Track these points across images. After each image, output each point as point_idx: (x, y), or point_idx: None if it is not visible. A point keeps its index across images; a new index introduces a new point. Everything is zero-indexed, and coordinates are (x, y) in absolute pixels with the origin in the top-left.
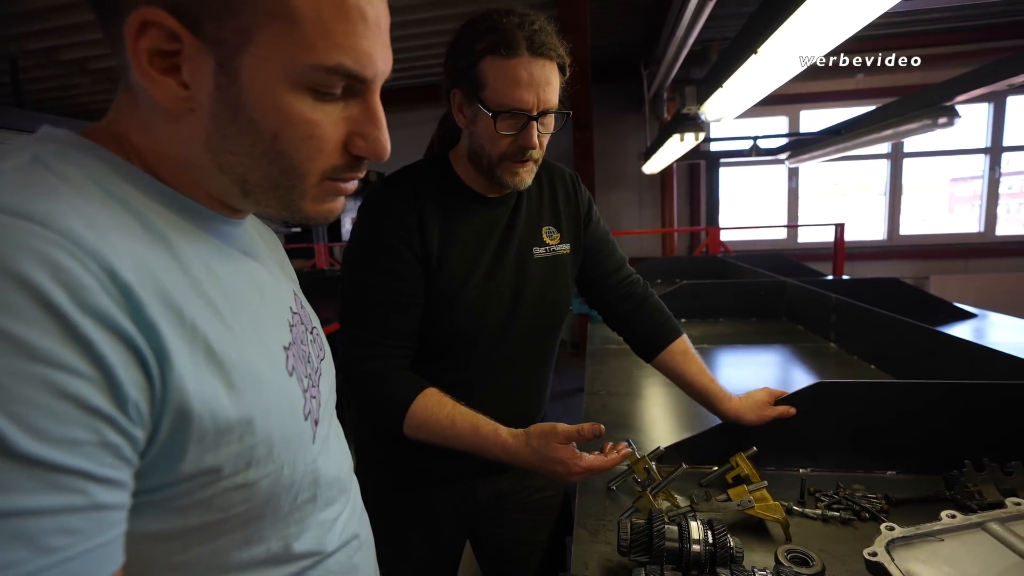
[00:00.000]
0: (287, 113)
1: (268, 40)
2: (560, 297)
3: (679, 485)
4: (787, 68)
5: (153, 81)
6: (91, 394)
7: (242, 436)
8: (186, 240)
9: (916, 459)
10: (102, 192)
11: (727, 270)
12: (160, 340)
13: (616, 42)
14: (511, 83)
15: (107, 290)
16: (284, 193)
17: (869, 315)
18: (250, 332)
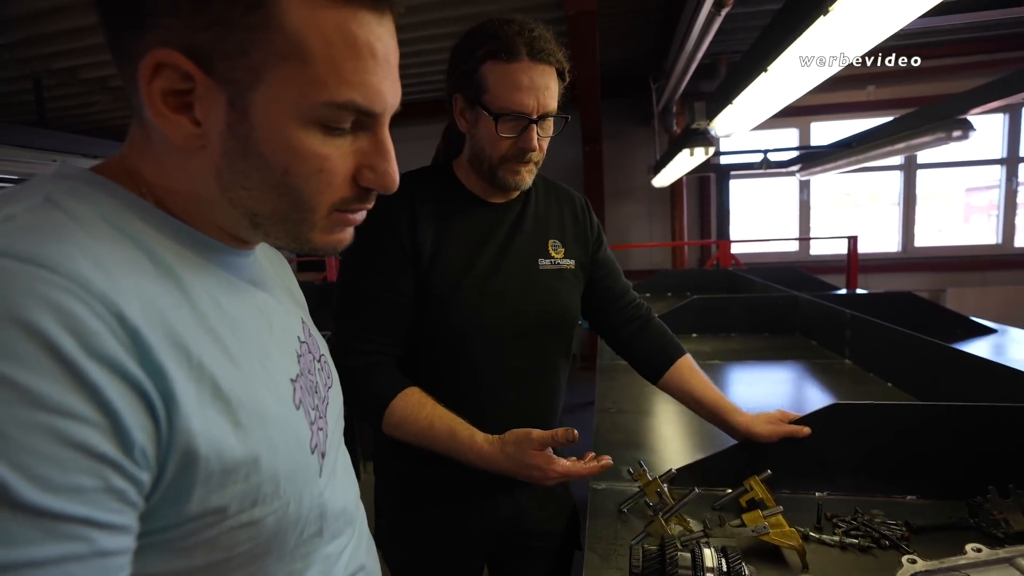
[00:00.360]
0: (297, 149)
1: (279, 78)
2: (567, 309)
3: (692, 508)
4: (797, 86)
5: (166, 120)
6: (97, 440)
7: (248, 475)
8: (195, 274)
9: (938, 484)
10: (112, 229)
11: (738, 283)
12: (167, 383)
13: (625, 56)
14: (512, 87)
15: (115, 334)
16: (293, 226)
17: (885, 332)
18: (257, 367)
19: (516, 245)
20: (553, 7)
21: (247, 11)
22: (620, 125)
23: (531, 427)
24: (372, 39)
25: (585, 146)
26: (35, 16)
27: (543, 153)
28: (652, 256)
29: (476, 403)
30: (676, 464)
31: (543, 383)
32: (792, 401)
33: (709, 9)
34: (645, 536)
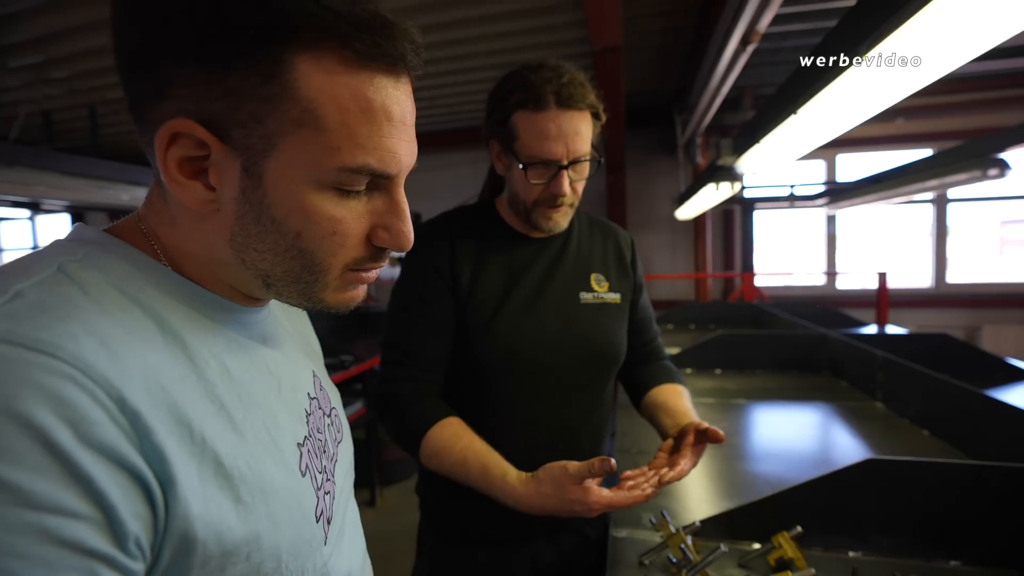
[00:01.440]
0: (310, 213)
1: (293, 145)
2: (610, 343)
3: (717, 564)
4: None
5: (181, 186)
6: (88, 536)
7: (249, 555)
8: (204, 338)
9: (984, 549)
10: (123, 297)
11: (763, 318)
12: (167, 466)
13: (649, 88)
14: (540, 136)
15: (115, 420)
16: (306, 287)
17: (921, 377)
18: (263, 436)
19: (556, 278)
20: (579, 43)
21: (262, 82)
22: (644, 155)
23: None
24: (388, 103)
25: (609, 176)
26: (93, 52)
27: (577, 196)
28: (675, 287)
29: (515, 435)
30: (700, 514)
31: (586, 420)
32: (821, 444)
33: (735, 46)
34: None
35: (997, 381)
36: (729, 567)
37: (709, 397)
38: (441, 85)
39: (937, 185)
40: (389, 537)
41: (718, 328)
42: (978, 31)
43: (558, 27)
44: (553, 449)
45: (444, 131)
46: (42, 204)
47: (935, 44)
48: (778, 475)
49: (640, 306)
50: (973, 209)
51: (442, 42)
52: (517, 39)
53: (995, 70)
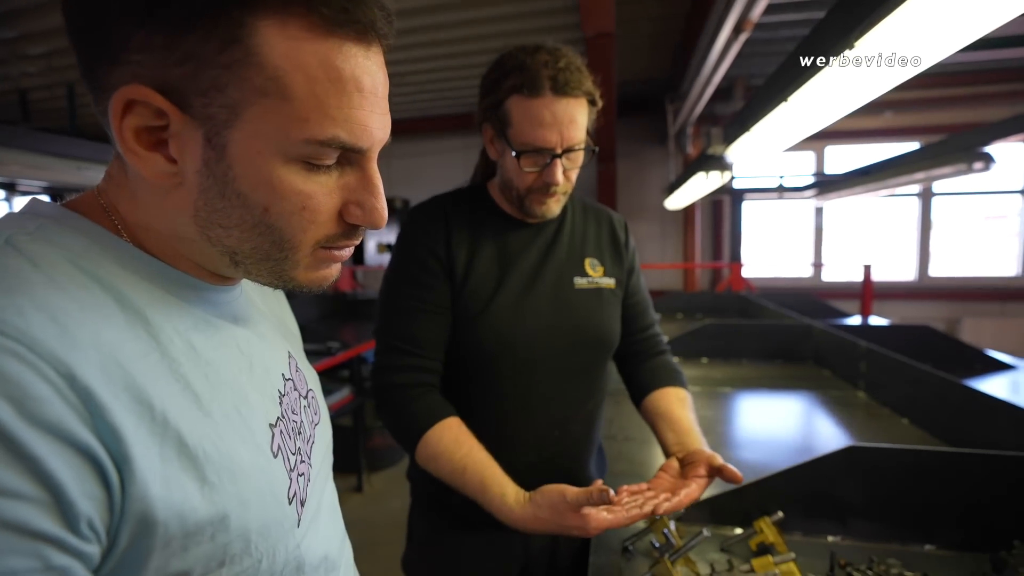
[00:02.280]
0: (277, 187)
1: (257, 115)
2: (605, 329)
3: (699, 549)
4: (818, 119)
5: (139, 158)
6: (35, 517)
7: (214, 535)
8: (168, 316)
9: (958, 534)
10: (79, 272)
11: (750, 308)
12: (123, 445)
13: (641, 77)
14: (534, 123)
15: (64, 397)
16: (275, 264)
17: (902, 367)
18: (233, 415)
19: (550, 264)
20: (572, 28)
21: (222, 47)
22: (634, 145)
23: (567, 453)
24: (359, 72)
25: (599, 165)
26: None
27: (571, 183)
28: (663, 277)
29: (509, 424)
30: None
31: (581, 406)
32: (805, 433)
33: (728, 34)
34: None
35: (976, 372)
36: (711, 551)
37: (696, 385)
38: (431, 69)
39: (924, 178)
40: (376, 523)
41: (705, 318)
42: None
43: (550, 12)
44: (547, 436)
45: (434, 116)
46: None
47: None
48: (761, 462)
49: (634, 289)
50: (957, 204)
51: (432, 25)
52: (508, 23)
53: (983, 64)
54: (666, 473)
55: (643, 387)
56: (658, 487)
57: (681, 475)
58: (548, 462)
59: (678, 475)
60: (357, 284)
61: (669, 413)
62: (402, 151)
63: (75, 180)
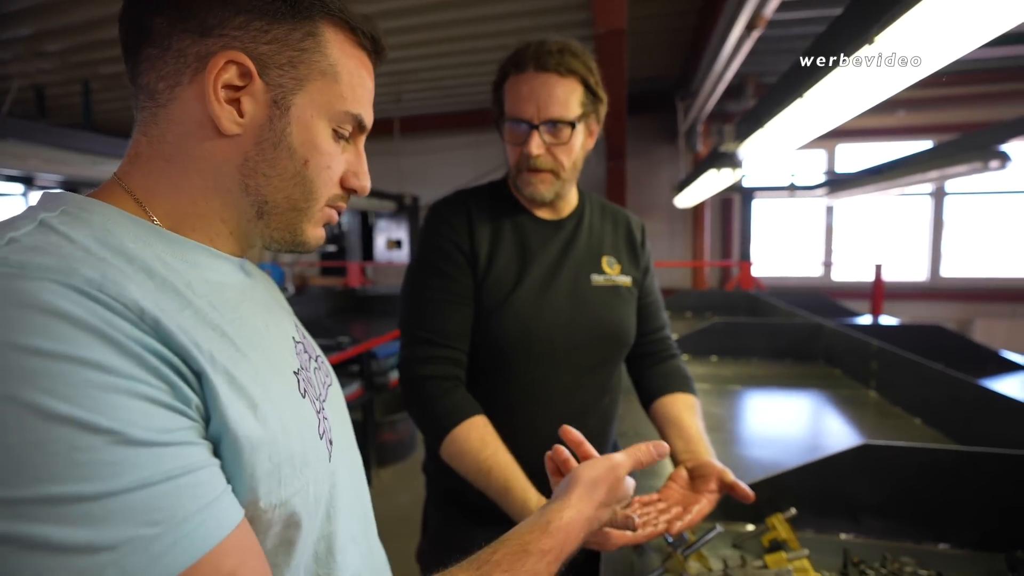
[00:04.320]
0: (320, 145)
1: (317, 88)
2: (621, 326)
3: (712, 545)
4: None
5: (220, 107)
6: (164, 396)
7: (271, 455)
8: (189, 282)
9: (973, 533)
10: (105, 248)
11: (759, 307)
12: (196, 362)
13: (652, 74)
14: (516, 97)
15: (137, 324)
16: (297, 215)
17: (914, 366)
18: (263, 359)
19: (569, 260)
20: (583, 25)
21: (303, 38)
22: (644, 143)
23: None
24: (369, 79)
25: (609, 162)
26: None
27: (561, 164)
28: (672, 275)
29: (525, 417)
30: None
31: (597, 401)
32: (815, 432)
33: (740, 31)
34: (662, 573)
35: (989, 372)
36: (723, 547)
37: (705, 383)
38: (442, 67)
39: (938, 176)
40: (386, 517)
41: (714, 316)
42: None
43: (561, 8)
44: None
45: (444, 114)
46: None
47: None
48: (771, 460)
49: (648, 290)
50: (969, 203)
51: (443, 22)
52: (519, 20)
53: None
54: (675, 483)
55: (652, 391)
56: (669, 498)
57: (691, 487)
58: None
59: (687, 485)
60: (367, 280)
61: (679, 420)
62: (412, 148)
63: (91, 174)
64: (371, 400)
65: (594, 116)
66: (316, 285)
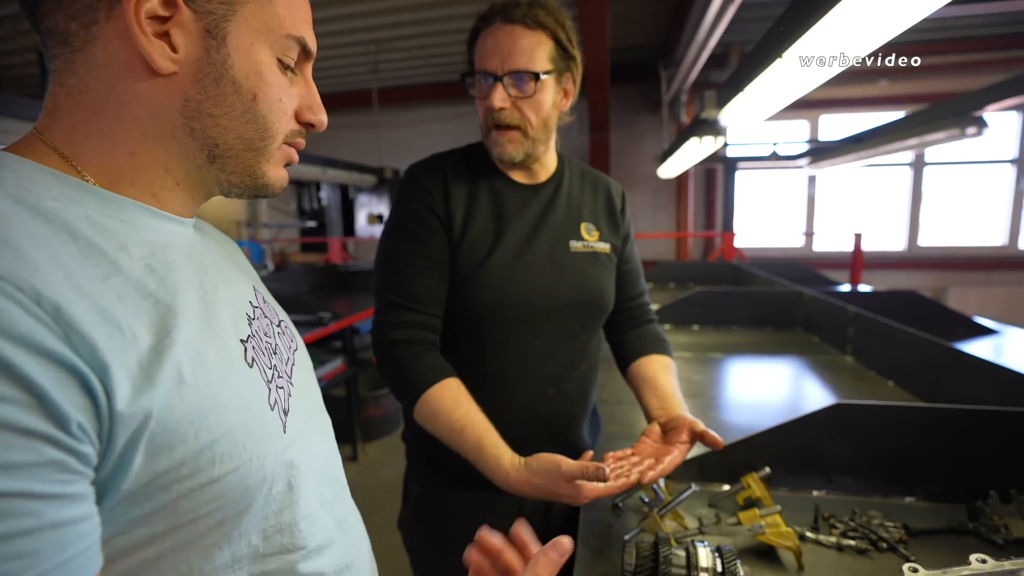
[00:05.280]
0: (266, 76)
1: (251, 12)
2: (599, 292)
3: (688, 505)
4: (812, 77)
5: (149, 43)
6: (22, 416)
7: (197, 433)
8: (122, 244)
9: (937, 486)
10: (23, 209)
11: (741, 277)
12: (99, 355)
13: (635, 44)
14: (480, 50)
15: (32, 313)
16: (254, 155)
17: (889, 330)
18: (202, 327)
19: (546, 226)
20: None
21: None
22: (628, 114)
23: (561, 413)
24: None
25: (592, 134)
26: None
27: (528, 118)
28: (656, 246)
29: (503, 382)
30: None
31: (574, 367)
32: (793, 396)
33: None
34: (639, 532)
35: (960, 336)
36: (699, 507)
37: (686, 352)
38: (419, 35)
39: (917, 144)
40: (371, 491)
41: (697, 287)
42: None
43: None
44: (541, 395)
45: (424, 84)
46: None
47: None
48: (749, 424)
49: (627, 257)
50: (947, 174)
51: None
52: None
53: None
54: (648, 438)
55: (629, 354)
56: (642, 452)
57: (664, 440)
58: (542, 421)
59: (660, 440)
60: (348, 256)
61: (653, 379)
62: (391, 121)
63: None
64: (355, 375)
65: (569, 76)
66: (296, 262)
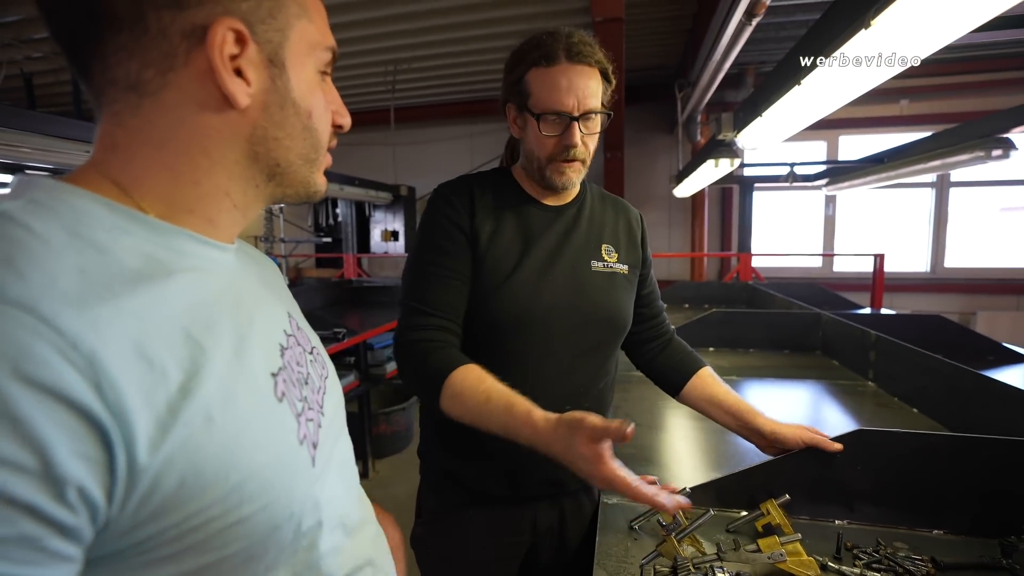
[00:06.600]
0: (316, 92)
1: (298, 34)
2: (619, 312)
3: (705, 530)
4: (830, 101)
5: (234, 83)
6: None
7: (228, 475)
8: (167, 277)
9: (967, 519)
10: (74, 238)
11: (758, 298)
12: (125, 400)
13: (650, 63)
14: (552, 89)
15: (66, 356)
16: (310, 167)
17: (913, 355)
18: (233, 363)
19: (569, 246)
20: (580, 13)
21: None
22: (643, 132)
23: None
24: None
25: (607, 153)
26: None
27: (590, 152)
28: (670, 266)
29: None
30: (690, 482)
31: (591, 386)
32: (811, 422)
33: (739, 19)
34: (656, 556)
35: (990, 364)
36: (716, 532)
37: None
38: (436, 56)
39: (940, 166)
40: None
41: (712, 308)
42: None
43: None
44: (559, 412)
45: (439, 103)
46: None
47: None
48: None
49: (648, 280)
50: (972, 194)
51: (438, 10)
52: (516, 7)
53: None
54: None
55: (672, 378)
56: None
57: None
58: None
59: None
60: (362, 272)
61: (713, 398)
62: (407, 138)
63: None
64: (367, 391)
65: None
66: (311, 277)
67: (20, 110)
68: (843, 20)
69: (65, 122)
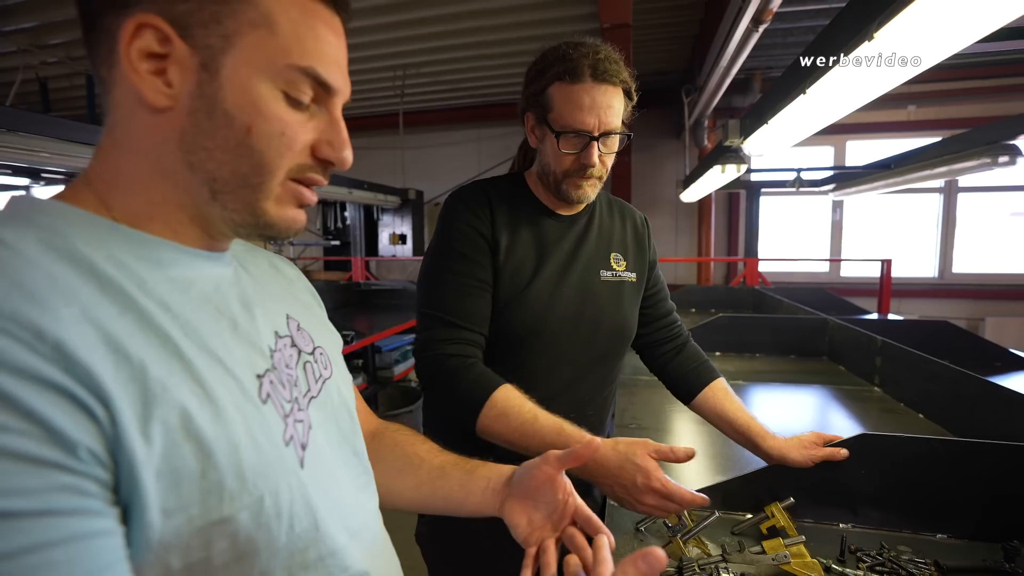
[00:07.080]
0: (262, 109)
1: (250, 44)
2: (626, 320)
3: (711, 532)
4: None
5: (141, 79)
6: (29, 445)
7: (205, 471)
8: (141, 281)
9: (971, 524)
10: (49, 249)
11: (764, 303)
12: (102, 385)
13: (658, 69)
14: (574, 107)
15: (32, 347)
16: (251, 192)
17: (919, 361)
18: (214, 365)
19: (581, 255)
20: (588, 18)
21: None
22: (649, 138)
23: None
24: (332, 25)
25: None
26: None
27: (607, 169)
28: (677, 271)
29: None
30: (696, 485)
31: (597, 393)
32: (817, 427)
33: (746, 25)
34: None
35: (997, 370)
36: (721, 534)
37: None
38: (445, 61)
39: (946, 172)
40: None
41: (719, 313)
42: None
43: (566, 2)
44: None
45: (446, 108)
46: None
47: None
48: None
49: (654, 281)
50: (981, 200)
51: (447, 15)
52: (524, 13)
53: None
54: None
55: (685, 386)
56: None
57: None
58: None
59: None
60: (370, 275)
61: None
62: (416, 143)
63: None
64: (375, 394)
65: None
66: (319, 280)
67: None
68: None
69: (79, 127)
